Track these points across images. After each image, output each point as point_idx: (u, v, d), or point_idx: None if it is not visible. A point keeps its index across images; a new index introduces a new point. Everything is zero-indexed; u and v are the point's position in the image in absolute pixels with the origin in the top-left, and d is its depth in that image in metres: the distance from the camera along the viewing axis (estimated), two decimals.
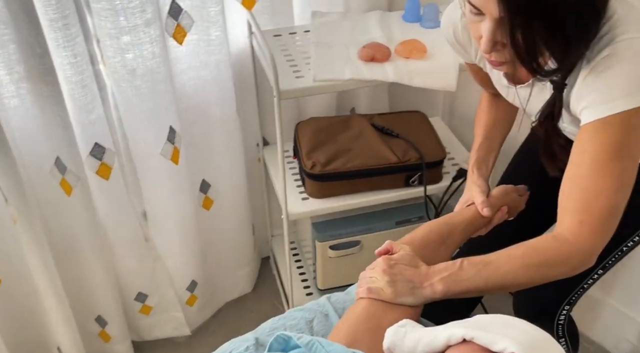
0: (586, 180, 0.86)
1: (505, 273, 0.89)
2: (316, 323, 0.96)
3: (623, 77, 0.83)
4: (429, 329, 0.79)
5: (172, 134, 1.44)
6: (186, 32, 1.40)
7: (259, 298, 1.99)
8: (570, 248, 0.88)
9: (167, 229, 1.61)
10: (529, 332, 0.74)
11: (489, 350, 0.71)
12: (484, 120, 1.25)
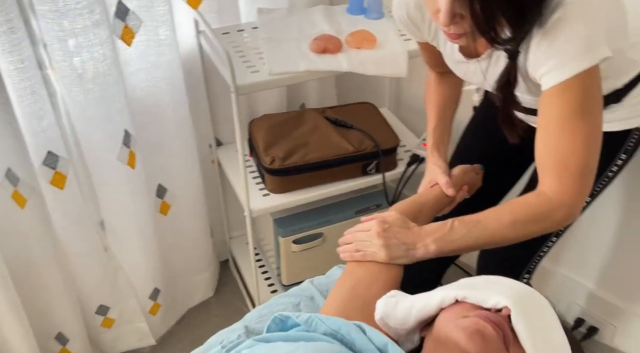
0: (556, 141, 0.91)
1: (494, 230, 0.94)
2: (303, 306, 0.97)
3: (574, 39, 0.86)
4: (420, 295, 0.82)
5: (127, 138, 1.41)
6: (134, 33, 1.38)
7: (222, 302, 1.97)
8: (552, 205, 0.92)
9: (126, 237, 1.57)
10: (515, 287, 0.78)
11: (481, 307, 0.75)
12: (434, 100, 1.29)
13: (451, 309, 0.77)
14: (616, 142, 1.15)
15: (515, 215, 0.93)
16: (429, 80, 1.31)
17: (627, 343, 1.75)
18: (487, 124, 1.31)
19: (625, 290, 1.70)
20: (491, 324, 0.70)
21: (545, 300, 0.78)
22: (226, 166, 1.74)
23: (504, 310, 0.73)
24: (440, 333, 0.74)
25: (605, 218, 1.64)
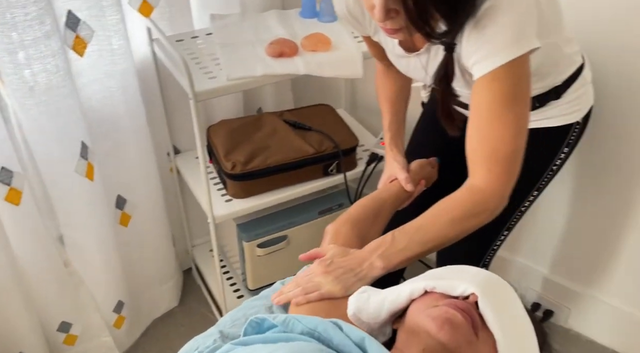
0: (487, 131, 0.92)
1: (435, 233, 0.95)
2: (276, 308, 0.98)
3: (504, 29, 0.87)
4: (391, 288, 0.84)
5: (84, 150, 1.39)
6: (86, 43, 1.35)
7: (187, 311, 1.95)
8: (484, 196, 0.94)
9: (86, 251, 1.54)
10: (480, 274, 0.82)
11: (450, 296, 0.78)
12: (386, 94, 1.30)
13: (421, 300, 0.80)
14: (558, 137, 1.20)
15: (453, 215, 0.95)
16: (378, 72, 1.32)
17: (580, 323, 1.84)
18: (436, 119, 1.35)
19: (577, 273, 1.78)
20: (460, 312, 0.73)
21: (508, 285, 0.82)
22: (186, 174, 1.73)
23: (471, 297, 0.76)
24: (411, 324, 0.77)
25: (555, 207, 1.72)
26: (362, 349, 0.69)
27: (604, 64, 1.39)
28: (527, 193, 1.26)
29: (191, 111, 1.35)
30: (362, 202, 1.16)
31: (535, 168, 1.23)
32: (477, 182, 0.94)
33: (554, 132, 1.19)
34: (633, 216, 1.57)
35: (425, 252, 0.97)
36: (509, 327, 0.75)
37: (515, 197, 1.26)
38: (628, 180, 1.54)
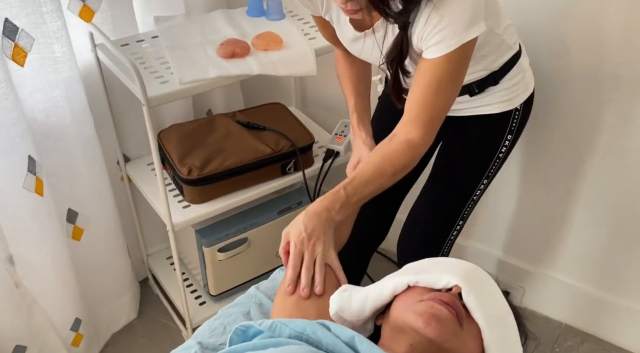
0: (432, 101, 1.02)
1: (380, 185, 1.05)
2: (254, 314, 0.97)
3: (461, 13, 0.94)
4: (373, 285, 0.85)
5: (32, 165, 1.32)
6: (27, 52, 1.28)
7: (147, 322, 1.90)
8: (420, 151, 1.06)
9: (38, 270, 1.47)
10: (462, 265, 0.83)
11: (433, 289, 0.79)
12: (348, 77, 1.30)
13: (405, 295, 0.80)
14: (501, 124, 1.25)
15: (395, 169, 1.05)
16: (337, 56, 1.32)
17: (534, 302, 1.91)
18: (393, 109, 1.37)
19: (529, 254, 1.85)
20: (445, 306, 0.74)
21: (485, 273, 0.84)
22: (138, 182, 1.67)
23: (454, 289, 0.77)
24: (397, 320, 0.77)
25: (504, 191, 1.78)
26: (353, 348, 0.69)
27: (541, 52, 1.45)
28: (478, 183, 1.30)
29: (144, 117, 1.31)
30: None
31: (482, 157, 1.28)
32: (415, 139, 1.04)
33: (495, 119, 1.24)
34: (578, 196, 1.65)
35: (369, 197, 1.07)
36: (491, 314, 0.77)
37: (467, 187, 1.31)
38: (570, 163, 1.61)
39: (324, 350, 0.70)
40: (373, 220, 1.44)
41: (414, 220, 1.40)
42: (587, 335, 1.83)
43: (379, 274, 1.97)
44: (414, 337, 0.74)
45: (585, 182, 1.62)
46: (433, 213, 1.35)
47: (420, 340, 0.73)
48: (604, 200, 1.61)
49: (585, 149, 1.56)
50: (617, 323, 1.76)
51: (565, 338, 1.83)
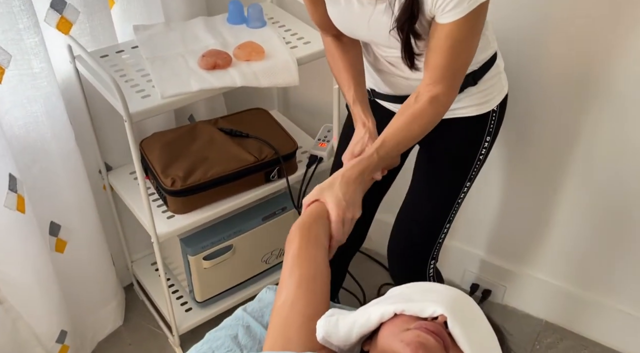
0: (455, 57, 1.04)
1: (409, 144, 1.11)
2: (241, 337, 0.98)
3: None
4: (360, 311, 0.86)
5: (13, 182, 1.30)
6: (4, 68, 1.26)
7: (133, 328, 1.90)
8: (445, 108, 1.09)
9: (22, 286, 1.46)
10: (446, 293, 0.85)
11: (419, 317, 0.81)
12: (343, 67, 1.23)
13: (392, 323, 0.81)
14: (479, 126, 1.26)
15: (423, 128, 1.08)
16: (328, 47, 1.26)
17: (515, 299, 1.95)
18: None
19: (510, 254, 1.89)
20: (431, 335, 0.75)
21: (471, 300, 0.86)
22: (121, 191, 1.66)
23: (440, 318, 0.79)
24: (385, 348, 0.78)
25: (485, 193, 1.81)
26: None
27: (520, 56, 1.47)
28: (462, 185, 1.32)
29: (126, 131, 1.29)
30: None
31: (464, 160, 1.30)
32: (439, 96, 1.06)
33: (473, 122, 1.25)
34: (558, 197, 1.68)
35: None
36: (476, 342, 0.78)
37: (451, 191, 1.32)
38: (549, 163, 1.64)
39: None
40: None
41: (402, 227, 1.42)
42: (567, 332, 1.87)
43: (362, 274, 2.01)
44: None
45: (566, 183, 1.65)
46: (420, 220, 1.37)
47: None
48: (584, 201, 1.64)
49: (566, 150, 1.59)
50: (596, 320, 1.80)
51: (545, 335, 1.87)
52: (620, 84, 1.41)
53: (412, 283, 0.91)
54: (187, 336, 1.78)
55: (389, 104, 1.32)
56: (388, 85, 1.27)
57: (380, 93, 1.31)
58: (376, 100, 1.34)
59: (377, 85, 1.31)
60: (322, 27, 1.23)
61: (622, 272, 1.68)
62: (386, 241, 2.15)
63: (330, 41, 1.24)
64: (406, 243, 1.42)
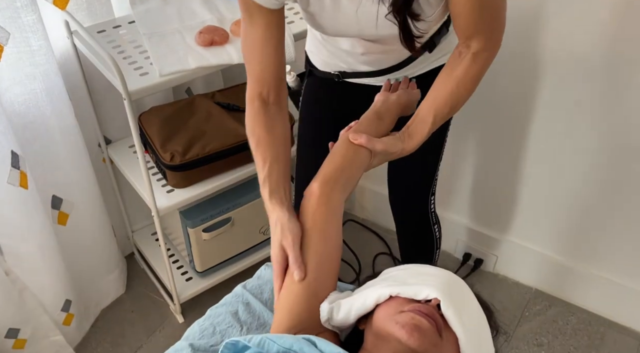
0: (486, 15, 0.96)
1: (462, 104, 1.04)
2: (241, 313, 1.02)
3: None
4: (356, 296, 0.89)
5: (15, 159, 1.32)
6: (3, 46, 1.27)
7: (135, 296, 1.95)
8: (488, 60, 1.01)
9: (27, 258, 1.50)
10: (440, 276, 0.88)
11: (414, 300, 0.84)
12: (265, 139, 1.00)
13: (387, 305, 0.85)
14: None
15: (469, 91, 1.02)
16: (252, 115, 1.03)
17: (506, 268, 2.01)
18: (321, 117, 1.32)
19: (500, 224, 1.93)
20: (425, 317, 0.79)
21: (462, 282, 0.89)
22: (121, 164, 1.69)
23: (433, 301, 0.82)
24: (380, 329, 0.82)
25: (477, 165, 1.84)
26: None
27: None
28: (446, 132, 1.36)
29: (124, 106, 1.31)
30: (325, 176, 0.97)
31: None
32: (480, 51, 0.99)
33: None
34: (540, 167, 1.71)
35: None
36: (468, 323, 0.82)
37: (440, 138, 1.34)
38: (523, 129, 1.67)
39: None
40: None
41: (399, 174, 1.43)
42: (555, 299, 1.94)
43: (358, 244, 2.05)
44: (397, 346, 0.78)
45: (547, 154, 1.68)
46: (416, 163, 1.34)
47: (402, 349, 0.78)
48: (569, 172, 1.68)
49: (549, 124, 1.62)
50: (583, 288, 1.86)
51: (534, 303, 1.94)
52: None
53: (406, 265, 0.95)
54: (187, 304, 1.84)
55: (365, 80, 1.24)
56: (367, 63, 1.20)
57: (355, 72, 1.23)
58: (345, 80, 1.26)
59: (351, 67, 1.22)
60: (263, 80, 1.01)
61: (607, 241, 1.73)
62: (380, 212, 2.20)
63: (257, 108, 1.02)
64: (406, 187, 1.43)
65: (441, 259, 2.08)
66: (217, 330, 0.99)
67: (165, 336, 1.83)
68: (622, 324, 1.84)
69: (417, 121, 1.02)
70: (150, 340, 1.81)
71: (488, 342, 0.86)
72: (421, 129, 1.01)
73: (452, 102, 1.02)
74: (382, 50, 1.16)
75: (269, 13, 0.95)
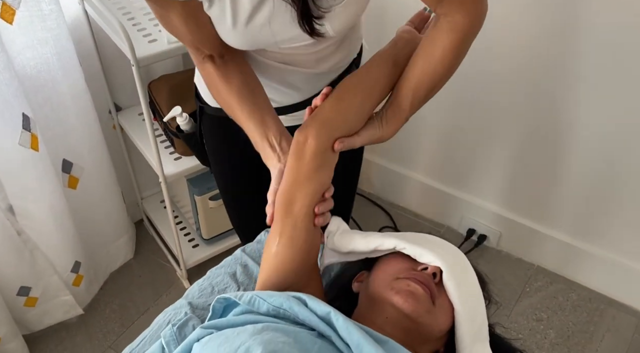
0: None
1: (444, 83, 0.90)
2: (239, 274, 1.05)
3: None
4: (362, 233, 0.91)
5: (26, 122, 1.36)
6: (15, 9, 1.29)
7: (143, 261, 2.00)
8: (464, 26, 0.84)
9: (38, 219, 1.54)
10: (445, 247, 0.89)
11: (416, 261, 0.86)
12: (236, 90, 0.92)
13: (385, 266, 0.86)
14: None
15: (448, 68, 0.87)
16: (210, 76, 0.94)
17: (509, 245, 2.03)
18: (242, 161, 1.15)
19: (505, 201, 1.94)
20: (420, 284, 0.81)
21: (463, 255, 0.91)
22: (130, 131, 1.72)
23: (430, 269, 0.84)
24: (375, 293, 0.84)
25: (481, 143, 1.84)
26: (328, 323, 0.76)
27: None
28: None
29: (133, 75, 1.33)
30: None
31: None
32: (454, 17, 0.83)
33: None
34: (559, 148, 1.71)
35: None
36: (466, 295, 0.84)
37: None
38: (528, 110, 1.67)
39: (301, 323, 0.77)
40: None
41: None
42: (557, 276, 1.95)
43: (363, 217, 2.07)
44: (391, 311, 0.81)
45: (570, 134, 1.67)
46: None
47: (396, 314, 0.80)
48: (584, 153, 1.68)
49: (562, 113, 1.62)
50: (584, 266, 1.88)
51: (536, 279, 1.96)
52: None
53: (420, 233, 0.96)
54: (194, 270, 1.88)
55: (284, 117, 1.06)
56: (281, 94, 1.04)
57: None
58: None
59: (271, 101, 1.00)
60: (203, 43, 0.89)
61: (611, 221, 1.74)
62: (387, 186, 2.22)
63: (211, 70, 0.93)
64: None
65: (444, 234, 2.10)
66: (216, 290, 1.03)
67: (172, 300, 1.84)
68: (621, 302, 1.85)
69: (395, 105, 0.90)
70: (156, 303, 1.86)
71: (483, 315, 0.88)
72: (399, 116, 0.90)
73: (429, 82, 0.88)
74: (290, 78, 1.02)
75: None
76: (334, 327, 0.74)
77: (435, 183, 2.07)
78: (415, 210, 2.19)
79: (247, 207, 1.27)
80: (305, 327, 0.76)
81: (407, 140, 2.03)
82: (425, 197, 2.13)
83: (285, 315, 0.77)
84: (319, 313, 0.76)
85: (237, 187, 1.24)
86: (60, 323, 1.79)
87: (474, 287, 0.88)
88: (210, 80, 0.95)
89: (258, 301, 0.78)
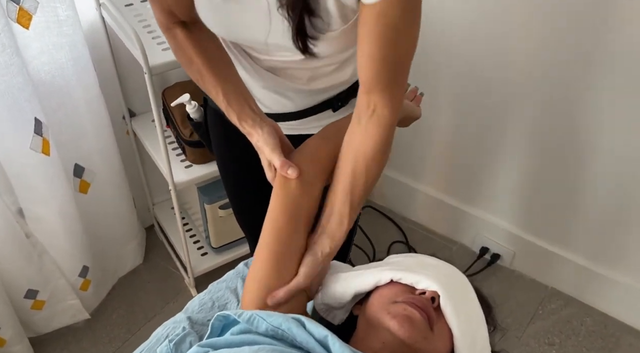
0: (391, 51, 0.78)
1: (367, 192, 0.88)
2: (240, 290, 1.03)
3: None
4: (356, 272, 0.89)
5: (38, 126, 1.36)
6: (31, 14, 1.30)
7: (152, 267, 2.00)
8: (392, 124, 0.84)
9: (47, 222, 1.55)
10: (442, 269, 0.87)
11: (414, 288, 0.84)
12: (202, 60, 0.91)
13: (383, 291, 0.84)
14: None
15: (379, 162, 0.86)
16: (179, 42, 0.92)
17: (523, 265, 1.98)
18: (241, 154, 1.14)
19: (521, 221, 1.90)
20: (417, 309, 0.79)
21: (464, 276, 0.88)
22: (143, 138, 1.72)
23: (428, 293, 0.82)
24: (373, 318, 0.82)
25: (510, 165, 1.81)
26: (325, 347, 0.74)
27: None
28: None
29: (146, 82, 1.33)
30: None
31: None
32: (383, 111, 0.82)
33: None
34: (578, 168, 1.67)
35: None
36: (465, 320, 0.81)
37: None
38: (542, 128, 1.63)
39: (298, 346, 0.76)
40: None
41: None
42: (572, 300, 1.90)
43: (374, 230, 2.05)
44: (387, 336, 0.78)
45: (591, 155, 1.63)
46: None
47: (392, 340, 0.78)
48: (604, 175, 1.64)
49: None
50: (601, 290, 1.83)
51: (550, 301, 1.91)
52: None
53: (412, 253, 0.94)
54: (202, 278, 1.87)
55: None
56: (264, 102, 1.03)
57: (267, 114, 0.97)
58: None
59: (262, 105, 1.02)
60: (173, 11, 0.88)
61: (630, 245, 1.69)
62: (399, 199, 2.19)
63: (181, 36, 0.91)
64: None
65: (457, 251, 2.07)
66: (216, 304, 1.01)
67: (179, 308, 1.82)
68: (639, 329, 1.80)
69: (333, 218, 0.86)
70: (163, 311, 1.85)
71: (484, 341, 0.85)
72: (340, 227, 0.86)
73: (363, 183, 0.85)
74: (282, 88, 1.01)
75: None
76: (330, 351, 0.73)
77: (449, 199, 2.04)
78: (428, 225, 2.15)
79: (248, 194, 1.28)
80: (302, 351, 0.75)
81: (422, 154, 2.01)
82: (438, 213, 2.10)
83: (283, 336, 0.76)
84: (316, 336, 0.75)
85: (238, 177, 1.26)
86: (67, 327, 1.79)
87: (474, 311, 0.85)
88: (178, 45, 0.92)
89: (257, 320, 0.77)
